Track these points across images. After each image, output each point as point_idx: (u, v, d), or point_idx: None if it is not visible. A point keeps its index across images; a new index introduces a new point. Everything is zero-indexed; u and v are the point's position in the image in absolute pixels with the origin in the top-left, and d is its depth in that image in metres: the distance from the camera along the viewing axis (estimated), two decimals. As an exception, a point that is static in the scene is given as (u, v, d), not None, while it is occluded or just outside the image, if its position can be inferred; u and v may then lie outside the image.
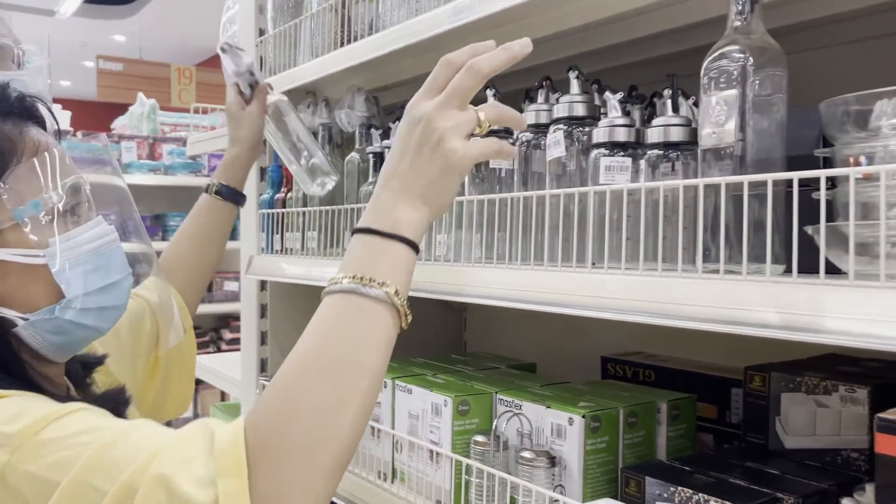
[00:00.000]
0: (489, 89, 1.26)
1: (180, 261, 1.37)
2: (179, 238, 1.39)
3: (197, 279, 1.40)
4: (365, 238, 0.76)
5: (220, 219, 1.40)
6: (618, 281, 0.94)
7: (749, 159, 0.86)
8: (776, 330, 0.75)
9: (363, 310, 0.72)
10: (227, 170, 1.42)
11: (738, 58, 0.86)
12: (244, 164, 1.44)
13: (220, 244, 1.42)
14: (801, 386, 1.17)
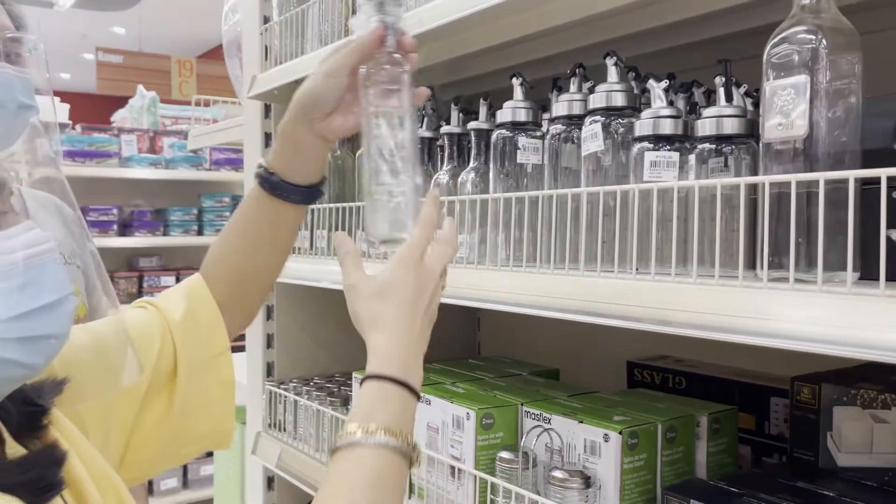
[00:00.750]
0: (515, 77, 1.17)
1: (221, 263, 0.99)
2: (225, 235, 1.01)
3: (242, 290, 1.00)
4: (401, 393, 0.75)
5: (267, 217, 0.96)
6: (667, 289, 0.85)
7: (820, 154, 0.76)
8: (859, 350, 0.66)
9: (402, 470, 0.71)
10: (283, 146, 0.92)
11: (808, 39, 0.76)
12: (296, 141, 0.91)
13: (272, 251, 0.99)
14: (857, 399, 1.07)
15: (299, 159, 0.92)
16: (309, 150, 0.91)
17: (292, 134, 0.90)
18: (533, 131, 1.15)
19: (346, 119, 0.88)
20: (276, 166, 0.92)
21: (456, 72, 1.60)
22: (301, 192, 0.93)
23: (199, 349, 0.92)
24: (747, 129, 0.89)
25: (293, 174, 0.92)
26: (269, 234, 0.97)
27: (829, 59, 0.76)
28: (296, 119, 0.89)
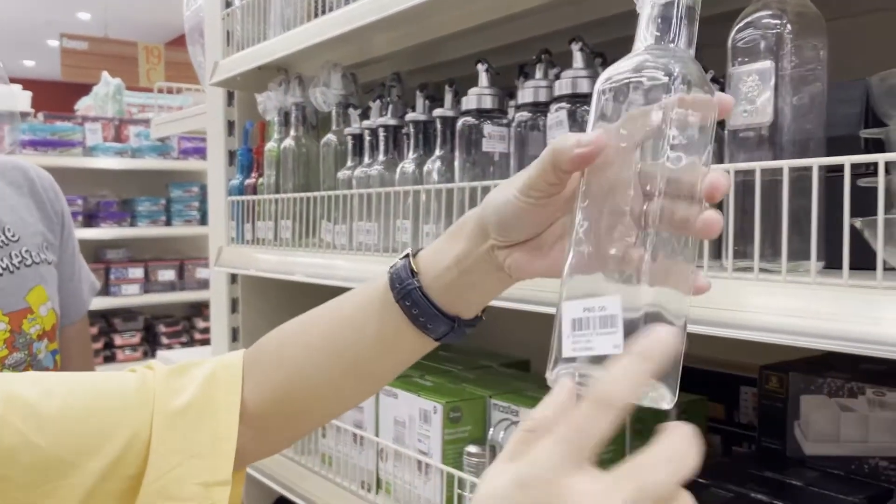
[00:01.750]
0: (480, 63, 1.14)
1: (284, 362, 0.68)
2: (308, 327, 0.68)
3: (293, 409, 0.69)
4: None
5: (380, 332, 0.65)
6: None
7: (785, 141, 0.75)
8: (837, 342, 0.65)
9: None
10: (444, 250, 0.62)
11: (773, 24, 0.75)
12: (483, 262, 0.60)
13: (362, 376, 0.68)
14: (824, 388, 1.07)
15: (461, 280, 0.61)
16: (479, 278, 0.61)
17: (466, 245, 0.60)
18: (499, 119, 1.12)
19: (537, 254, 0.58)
20: (427, 273, 0.62)
21: (423, 58, 1.57)
22: (445, 325, 0.62)
23: (187, 465, 0.64)
24: (713, 116, 0.87)
25: (444, 294, 0.62)
26: (369, 355, 0.65)
27: (793, 44, 0.74)
28: (469, 222, 0.60)
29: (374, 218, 1.28)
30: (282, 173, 1.55)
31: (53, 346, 1.08)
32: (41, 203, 1.10)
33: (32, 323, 1.03)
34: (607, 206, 0.48)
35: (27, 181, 1.10)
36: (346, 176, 1.40)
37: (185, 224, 4.38)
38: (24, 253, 1.04)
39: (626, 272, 0.46)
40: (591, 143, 0.49)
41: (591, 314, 0.46)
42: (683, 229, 0.48)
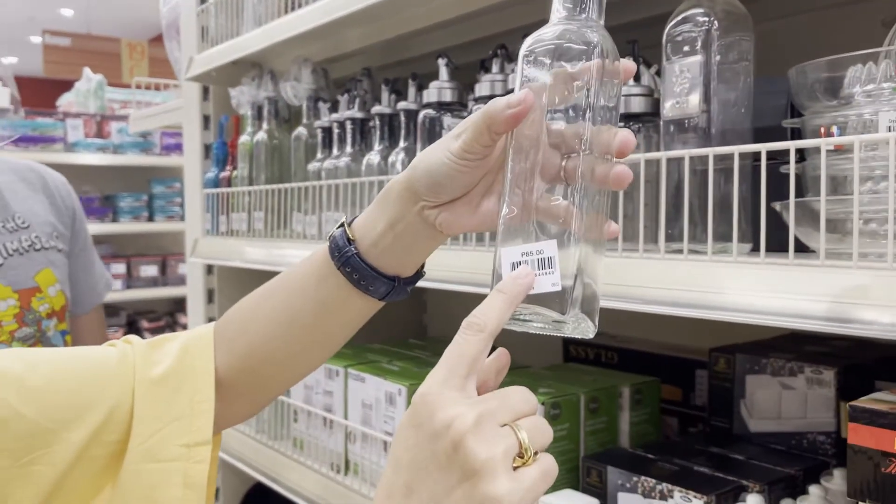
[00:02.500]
0: (441, 58, 1.19)
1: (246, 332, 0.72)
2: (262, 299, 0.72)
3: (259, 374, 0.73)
4: None
5: (327, 299, 0.68)
6: (576, 262, 0.88)
7: (714, 131, 0.80)
8: (744, 314, 0.70)
9: None
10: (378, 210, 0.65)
11: (702, 21, 0.80)
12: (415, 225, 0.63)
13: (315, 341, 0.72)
14: (767, 368, 1.13)
15: (396, 243, 0.64)
16: (413, 238, 0.64)
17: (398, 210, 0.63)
18: (459, 111, 1.17)
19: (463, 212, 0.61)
20: (362, 239, 0.65)
21: (391, 54, 1.61)
22: (385, 284, 0.66)
23: (168, 429, 0.67)
24: (654, 108, 0.93)
25: (381, 258, 0.65)
26: (321, 319, 0.69)
27: (721, 40, 0.79)
28: (398, 183, 0.63)
29: (343, 208, 1.32)
30: (255, 166, 1.59)
31: (63, 327, 1.17)
32: (52, 198, 1.21)
33: (41, 301, 1.12)
34: (535, 162, 0.53)
35: (40, 179, 1.21)
36: (315, 168, 1.44)
37: (167, 220, 4.40)
38: (34, 238, 1.14)
39: (556, 221, 0.52)
40: (521, 102, 0.53)
41: (530, 257, 0.51)
42: (602, 182, 0.53)
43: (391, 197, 0.63)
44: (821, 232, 0.65)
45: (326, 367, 1.42)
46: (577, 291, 0.51)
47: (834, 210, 0.68)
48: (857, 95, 0.67)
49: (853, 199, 0.64)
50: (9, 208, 1.14)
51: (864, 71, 0.67)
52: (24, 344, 1.09)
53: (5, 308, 1.08)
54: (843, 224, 0.69)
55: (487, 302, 0.52)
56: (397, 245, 0.64)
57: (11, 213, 1.14)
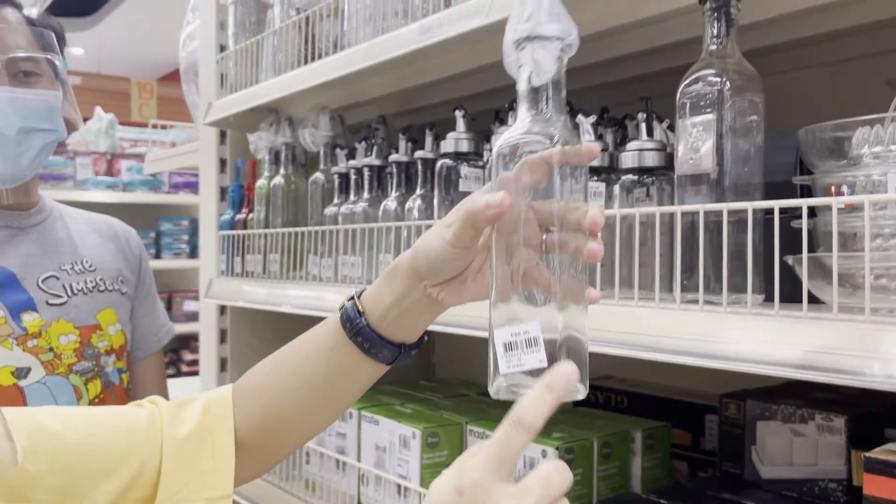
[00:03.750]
0: (458, 110, 1.23)
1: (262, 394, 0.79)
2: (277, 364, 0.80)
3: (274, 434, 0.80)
4: None
5: (336, 363, 0.76)
6: (592, 310, 0.90)
7: (727, 185, 0.83)
8: (759, 365, 0.72)
9: None
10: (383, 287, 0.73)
11: (714, 82, 0.84)
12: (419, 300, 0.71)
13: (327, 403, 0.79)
14: (777, 414, 1.14)
15: (402, 316, 0.72)
16: (417, 311, 0.72)
17: (398, 274, 0.71)
18: (475, 161, 1.21)
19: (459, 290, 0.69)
20: (372, 312, 0.72)
21: (407, 102, 1.66)
22: (392, 351, 0.74)
23: (193, 484, 0.74)
24: (667, 162, 0.96)
25: (388, 328, 0.72)
26: (331, 384, 0.76)
27: (733, 99, 0.83)
28: (403, 263, 0.71)
29: (359, 252, 1.35)
30: (271, 209, 1.62)
31: (120, 365, 1.22)
32: (121, 247, 1.30)
33: (101, 339, 1.19)
34: (516, 244, 0.60)
35: (111, 231, 1.31)
36: (332, 212, 1.48)
37: (174, 257, 4.44)
38: (99, 280, 1.22)
39: (538, 295, 0.59)
40: (499, 204, 0.60)
41: (518, 338, 0.58)
42: (576, 255, 0.59)
43: (398, 275, 0.71)
44: (833, 287, 0.68)
45: (339, 409, 1.44)
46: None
47: (845, 265, 0.71)
48: (866, 157, 0.70)
49: (864, 256, 0.66)
50: (78, 252, 1.22)
51: (871, 133, 0.71)
52: (82, 377, 1.15)
53: (66, 343, 1.14)
54: (854, 278, 0.72)
55: (538, 399, 0.54)
56: (404, 317, 0.72)
57: (80, 257, 1.22)
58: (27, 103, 1.06)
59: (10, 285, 1.12)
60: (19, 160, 1.07)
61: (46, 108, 1.10)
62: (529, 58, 0.64)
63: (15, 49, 1.06)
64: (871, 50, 1.06)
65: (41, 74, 1.11)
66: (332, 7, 1.48)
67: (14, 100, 1.04)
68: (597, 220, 0.59)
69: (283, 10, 1.60)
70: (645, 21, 1.07)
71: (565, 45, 0.64)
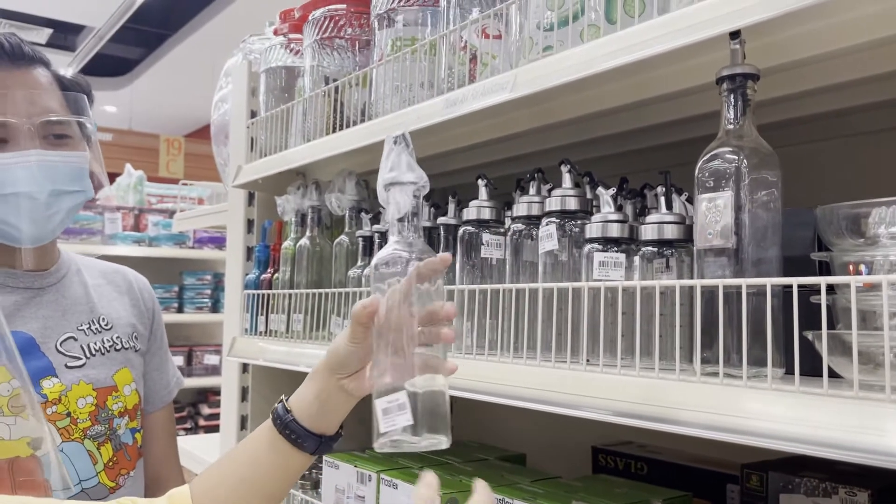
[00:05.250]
0: (480, 179, 1.26)
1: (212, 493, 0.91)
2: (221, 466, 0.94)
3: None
4: None
5: (271, 458, 0.91)
6: (613, 381, 0.91)
7: (745, 259, 0.85)
8: (777, 441, 0.73)
9: None
10: (306, 390, 0.91)
11: (732, 159, 0.86)
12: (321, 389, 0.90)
13: (266, 495, 0.93)
14: (800, 487, 1.13)
15: (322, 409, 0.89)
16: (334, 404, 0.89)
17: (316, 378, 0.89)
18: (496, 228, 1.23)
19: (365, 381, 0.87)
20: (297, 408, 0.90)
21: (428, 168, 1.69)
22: (315, 441, 0.90)
23: None
24: (686, 235, 0.98)
25: (311, 421, 0.89)
26: (269, 476, 0.91)
27: (750, 176, 0.85)
28: (321, 368, 0.89)
29: (381, 315, 1.37)
30: (296, 269, 1.66)
31: (133, 425, 1.21)
32: (135, 300, 1.30)
33: (116, 400, 1.18)
34: (389, 337, 0.80)
35: (125, 283, 1.30)
36: (356, 274, 1.50)
37: (196, 311, 4.48)
38: (116, 339, 1.22)
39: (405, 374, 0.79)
40: (371, 305, 0.82)
41: (391, 404, 0.78)
42: (435, 340, 0.81)
43: (316, 376, 0.90)
44: (854, 366, 0.69)
45: (358, 471, 1.44)
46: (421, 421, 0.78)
47: (865, 343, 0.72)
48: (883, 237, 0.72)
49: (884, 335, 0.67)
50: (95, 310, 1.21)
51: (888, 213, 0.73)
52: (94, 442, 1.14)
53: (83, 406, 1.13)
54: (874, 356, 0.73)
55: None
56: (323, 410, 0.90)
57: (97, 315, 1.21)
58: (57, 166, 1.07)
59: (31, 351, 1.11)
60: (48, 222, 1.09)
61: (76, 171, 1.11)
62: (393, 197, 0.85)
63: (47, 112, 1.07)
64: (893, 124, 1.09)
65: (71, 136, 1.12)
66: (359, 77, 1.54)
67: (45, 163, 1.05)
68: (451, 312, 0.83)
69: (312, 80, 1.67)
70: (666, 96, 1.10)
71: (418, 187, 0.87)
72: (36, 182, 1.04)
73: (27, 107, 1.05)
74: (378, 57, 1.47)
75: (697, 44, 0.85)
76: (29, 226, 1.07)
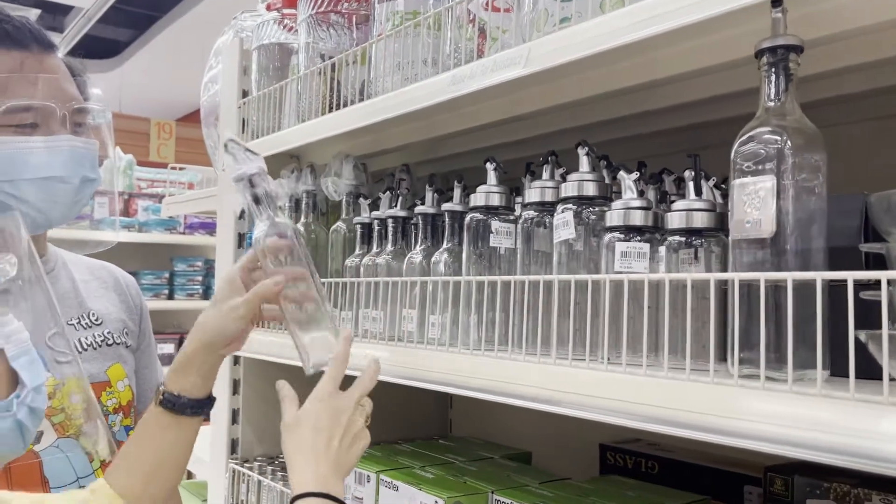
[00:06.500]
0: (489, 162, 1.18)
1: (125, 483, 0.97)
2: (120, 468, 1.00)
3: None
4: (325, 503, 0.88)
5: (172, 438, 1.00)
6: (638, 382, 0.84)
7: (788, 251, 0.77)
8: (833, 455, 0.65)
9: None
10: (181, 371, 1.00)
11: (774, 140, 0.78)
12: (202, 364, 1.01)
13: (173, 472, 1.02)
14: (830, 493, 1.06)
15: (200, 379, 1.01)
16: (209, 370, 1.02)
17: (196, 359, 1.00)
18: (506, 215, 1.15)
19: (242, 342, 1.03)
20: (181, 388, 1.00)
21: (432, 150, 1.61)
22: (201, 405, 1.02)
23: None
24: (716, 223, 0.90)
25: (197, 391, 1.01)
26: (171, 455, 1.01)
27: (794, 159, 0.77)
28: (201, 350, 1.00)
29: (381, 306, 1.29)
30: (290, 258, 1.57)
31: (128, 422, 1.18)
32: (123, 296, 1.26)
33: (110, 396, 1.15)
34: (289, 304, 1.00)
35: (112, 279, 1.27)
36: (353, 263, 1.42)
37: (187, 298, 4.39)
38: (107, 334, 1.19)
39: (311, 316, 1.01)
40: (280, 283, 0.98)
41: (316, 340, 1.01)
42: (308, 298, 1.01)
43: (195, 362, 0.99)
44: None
45: (356, 472, 1.36)
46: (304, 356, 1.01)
47: (928, 344, 0.64)
48: (951, 226, 0.64)
49: (953, 337, 0.60)
50: (84, 305, 1.18)
51: (954, 200, 0.65)
52: (89, 439, 1.11)
53: (77, 402, 1.10)
54: (938, 359, 0.65)
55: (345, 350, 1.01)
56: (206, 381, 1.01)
57: (87, 310, 1.18)
58: (83, 153, 1.06)
59: None
60: (74, 208, 1.08)
61: (95, 158, 1.10)
62: (243, 188, 1.00)
63: (73, 98, 1.06)
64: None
65: (85, 124, 1.11)
66: (357, 54, 1.45)
67: (75, 149, 1.04)
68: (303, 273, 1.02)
69: (307, 57, 1.57)
70: (693, 73, 1.02)
71: (260, 175, 1.01)
72: (69, 167, 1.03)
73: (57, 92, 1.04)
74: (378, 32, 1.38)
75: (737, 11, 0.77)
76: (60, 211, 1.05)
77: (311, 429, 0.92)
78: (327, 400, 0.94)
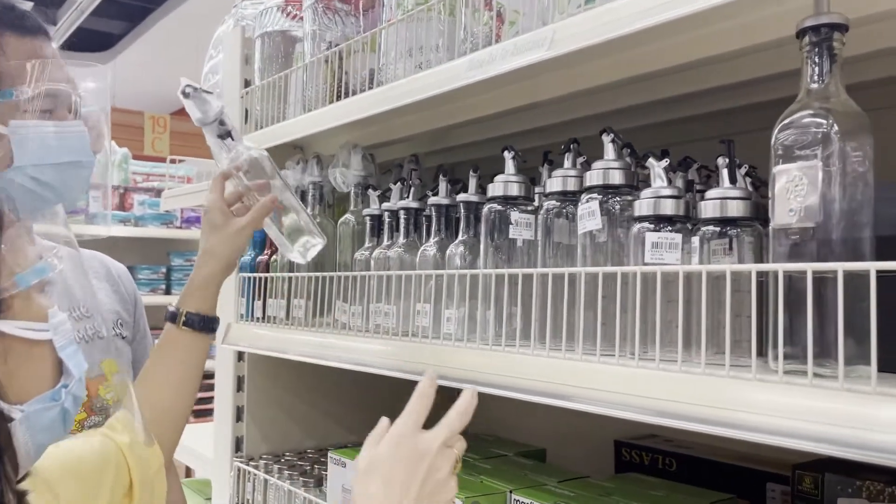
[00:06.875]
0: (507, 151, 1.14)
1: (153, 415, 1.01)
2: (148, 386, 1.10)
3: (169, 432, 1.10)
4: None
5: (195, 354, 1.13)
6: (674, 380, 0.80)
7: (833, 241, 0.73)
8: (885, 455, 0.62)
9: None
10: (198, 293, 1.15)
11: (819, 124, 0.74)
12: (218, 284, 1.17)
13: (196, 385, 1.14)
14: (862, 491, 1.03)
15: (213, 299, 1.17)
16: (217, 291, 1.18)
17: (213, 281, 1.16)
18: (525, 206, 1.11)
19: None
20: (199, 307, 1.14)
21: (440, 140, 1.57)
22: (216, 322, 1.17)
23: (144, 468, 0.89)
24: (752, 212, 0.86)
25: (211, 310, 1.16)
26: (194, 369, 1.14)
27: (839, 144, 0.73)
28: (219, 271, 1.16)
29: (394, 300, 1.25)
30: (296, 251, 1.52)
31: None
32: (116, 286, 1.24)
33: (108, 390, 1.12)
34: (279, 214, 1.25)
35: (103, 268, 1.25)
36: (363, 256, 1.38)
37: (184, 293, 4.34)
38: (97, 326, 1.16)
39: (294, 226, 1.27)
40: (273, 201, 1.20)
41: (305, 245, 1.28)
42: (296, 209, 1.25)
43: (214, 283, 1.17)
44: None
45: (368, 471, 1.32)
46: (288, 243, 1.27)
47: None
48: None
49: None
50: (74, 297, 1.14)
51: None
52: None
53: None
54: None
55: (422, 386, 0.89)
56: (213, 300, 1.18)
57: (77, 303, 1.14)
58: (87, 139, 1.05)
59: None
60: (82, 194, 1.08)
61: None
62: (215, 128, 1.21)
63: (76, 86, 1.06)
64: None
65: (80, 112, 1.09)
66: (365, 41, 1.40)
67: (84, 135, 1.04)
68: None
69: (313, 44, 1.53)
70: (726, 55, 0.98)
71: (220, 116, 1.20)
72: (87, 153, 1.04)
73: (66, 79, 1.05)
74: (387, 18, 1.33)
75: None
76: (73, 196, 1.05)
77: (383, 482, 0.78)
78: (406, 442, 0.80)
